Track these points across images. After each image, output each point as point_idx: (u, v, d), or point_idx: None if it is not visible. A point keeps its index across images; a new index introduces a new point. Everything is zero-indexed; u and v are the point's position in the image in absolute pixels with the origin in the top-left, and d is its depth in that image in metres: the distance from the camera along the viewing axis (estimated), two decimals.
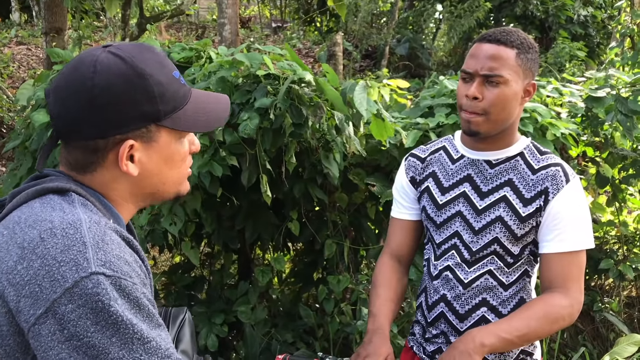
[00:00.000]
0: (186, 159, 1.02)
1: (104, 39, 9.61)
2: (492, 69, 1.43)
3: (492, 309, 1.55)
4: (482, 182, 1.55)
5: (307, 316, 2.91)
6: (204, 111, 1.00)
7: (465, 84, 1.49)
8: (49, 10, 4.64)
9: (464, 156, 1.60)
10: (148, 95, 0.91)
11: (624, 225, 3.43)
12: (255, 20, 14.15)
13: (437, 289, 1.60)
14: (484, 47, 1.46)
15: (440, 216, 1.59)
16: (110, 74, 0.89)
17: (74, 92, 0.90)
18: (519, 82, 1.46)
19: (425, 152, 1.69)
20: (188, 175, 1.04)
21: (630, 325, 3.43)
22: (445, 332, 1.60)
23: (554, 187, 1.48)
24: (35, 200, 0.90)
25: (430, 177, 1.64)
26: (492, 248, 1.53)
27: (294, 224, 2.73)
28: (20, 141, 2.66)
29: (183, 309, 1.16)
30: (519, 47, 1.45)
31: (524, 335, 1.41)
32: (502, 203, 1.52)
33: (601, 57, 10.12)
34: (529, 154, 1.55)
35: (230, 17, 6.05)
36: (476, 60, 1.46)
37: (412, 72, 9.88)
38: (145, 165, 0.96)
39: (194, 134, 1.04)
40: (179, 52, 2.70)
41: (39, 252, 0.82)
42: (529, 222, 1.50)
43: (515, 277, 1.55)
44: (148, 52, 0.95)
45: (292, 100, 2.32)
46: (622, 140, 2.96)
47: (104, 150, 0.92)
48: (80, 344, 0.78)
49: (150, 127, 0.94)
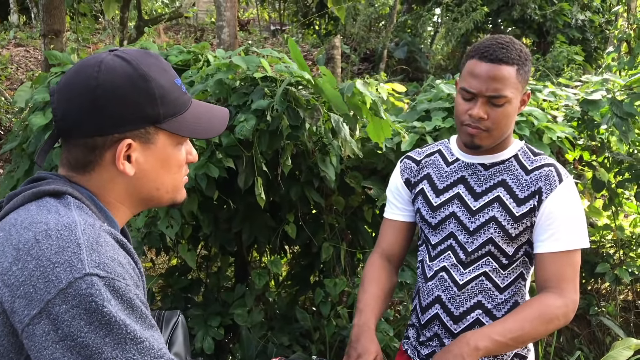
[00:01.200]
0: (182, 167, 1.03)
1: (102, 41, 9.61)
2: (496, 90, 1.43)
3: (487, 312, 1.56)
4: (475, 183, 1.57)
5: (303, 319, 2.90)
6: (202, 120, 1.02)
7: (467, 101, 1.48)
8: (48, 12, 4.64)
9: (458, 159, 1.61)
10: (149, 97, 0.93)
11: (620, 229, 3.43)
12: (254, 23, 14.18)
13: (432, 290, 1.61)
14: (485, 67, 1.44)
15: (434, 218, 1.60)
16: (115, 75, 0.92)
17: (77, 91, 0.92)
18: (518, 96, 1.48)
19: (421, 155, 1.70)
20: (184, 183, 1.05)
21: (626, 329, 3.44)
22: (439, 334, 1.60)
23: (547, 187, 1.49)
24: (32, 203, 0.91)
25: (425, 179, 1.65)
26: (487, 248, 1.54)
27: (290, 227, 2.74)
28: (18, 143, 2.67)
29: (176, 312, 1.17)
30: (518, 62, 1.45)
31: (518, 337, 1.42)
32: (495, 203, 1.53)
33: (598, 61, 10.15)
34: (523, 155, 1.56)
35: (229, 20, 6.06)
36: (479, 81, 1.44)
37: (410, 76, 9.89)
38: (142, 166, 0.97)
39: (192, 144, 1.06)
40: (176, 54, 2.71)
41: (34, 253, 0.83)
42: (523, 221, 1.51)
43: (510, 279, 1.56)
44: (152, 58, 0.97)
45: (289, 102, 2.33)
46: (618, 144, 2.97)
47: (102, 149, 0.94)
48: (74, 344, 0.79)
49: (149, 129, 0.95)
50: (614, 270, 3.24)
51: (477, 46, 1.50)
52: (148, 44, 2.81)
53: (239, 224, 2.73)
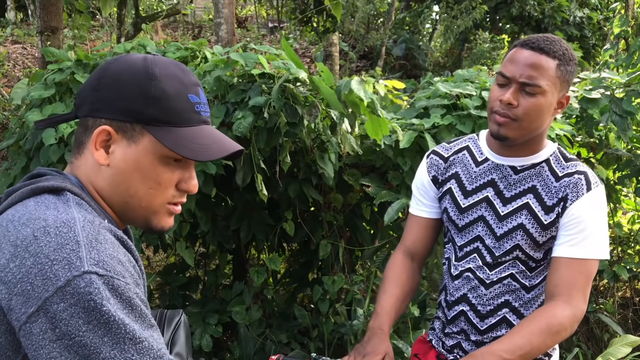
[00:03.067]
0: (166, 187, 0.96)
1: (99, 39, 9.58)
2: (531, 78, 1.40)
3: (514, 310, 1.55)
4: (505, 187, 1.53)
5: (301, 317, 2.90)
6: (198, 141, 0.95)
7: (501, 88, 1.45)
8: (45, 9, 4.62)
9: (488, 159, 1.56)
10: (144, 93, 0.92)
11: (618, 226, 3.44)
12: (252, 20, 14.14)
13: (458, 288, 1.59)
14: (525, 53, 1.42)
15: (462, 220, 1.58)
16: (125, 65, 0.95)
17: (94, 73, 0.97)
18: (555, 93, 1.43)
19: (449, 151, 1.65)
20: (169, 211, 0.98)
21: (624, 326, 3.44)
22: (465, 330, 1.59)
23: (573, 194, 1.46)
24: (30, 199, 0.90)
25: (453, 179, 1.61)
26: (515, 254, 1.52)
27: (289, 225, 2.73)
28: (15, 140, 2.66)
29: (179, 312, 1.15)
30: (561, 58, 1.42)
31: (527, 353, 1.39)
32: (524, 210, 1.50)
33: (596, 58, 10.14)
34: (555, 160, 1.52)
35: (227, 17, 6.04)
36: (516, 66, 1.42)
37: (408, 73, 9.88)
38: (117, 162, 0.94)
39: (195, 175, 1.00)
40: (174, 51, 2.70)
41: (32, 250, 0.81)
42: (551, 230, 1.49)
43: (538, 280, 1.55)
44: (176, 68, 0.96)
45: (287, 99, 2.32)
46: (616, 141, 2.96)
47: (90, 130, 0.95)
48: (72, 343, 0.78)
49: (135, 126, 0.93)
50: (612, 268, 3.24)
51: (524, 37, 1.48)
52: (145, 41, 2.80)
53: (237, 221, 2.73)
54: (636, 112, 2.72)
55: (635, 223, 3.71)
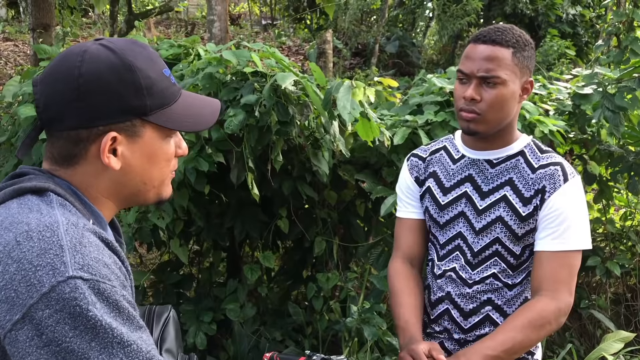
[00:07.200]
0: (171, 160, 0.99)
1: (92, 36, 9.54)
2: (488, 70, 1.42)
3: (497, 308, 1.55)
4: (483, 182, 1.54)
5: (295, 314, 2.90)
6: (192, 112, 0.97)
7: (462, 85, 1.48)
8: (37, 6, 4.60)
9: (464, 156, 1.58)
10: (135, 88, 0.90)
11: (611, 222, 3.45)
12: (245, 17, 14.11)
13: (442, 287, 1.60)
14: (479, 48, 1.44)
15: (443, 217, 1.59)
16: (99, 64, 0.88)
17: (60, 81, 0.89)
18: (516, 81, 1.45)
19: (426, 152, 1.68)
20: (171, 178, 1.02)
21: (617, 322, 3.46)
22: (449, 328, 1.60)
23: (551, 185, 1.47)
24: (13, 201, 0.87)
25: (431, 177, 1.63)
26: (494, 248, 1.52)
27: (283, 222, 2.73)
28: (6, 138, 2.64)
29: (167, 307, 1.14)
30: (515, 45, 1.44)
31: (510, 348, 1.40)
32: (502, 203, 1.51)
33: (589, 55, 10.18)
34: (530, 152, 1.54)
35: (220, 14, 6.02)
36: (472, 62, 1.45)
37: (401, 70, 9.88)
38: (128, 160, 0.93)
39: (181, 136, 1.02)
40: (167, 48, 2.69)
41: (15, 256, 0.80)
42: (529, 221, 1.50)
43: (520, 278, 1.55)
44: (139, 47, 0.94)
45: (279, 98, 2.32)
46: (608, 137, 2.98)
47: (86, 142, 0.90)
48: (59, 349, 0.77)
49: (135, 122, 0.91)
50: (604, 264, 3.25)
51: (476, 32, 1.50)
52: (138, 37, 2.79)
53: (231, 219, 2.72)
54: (629, 108, 2.74)
55: (627, 219, 3.73)
